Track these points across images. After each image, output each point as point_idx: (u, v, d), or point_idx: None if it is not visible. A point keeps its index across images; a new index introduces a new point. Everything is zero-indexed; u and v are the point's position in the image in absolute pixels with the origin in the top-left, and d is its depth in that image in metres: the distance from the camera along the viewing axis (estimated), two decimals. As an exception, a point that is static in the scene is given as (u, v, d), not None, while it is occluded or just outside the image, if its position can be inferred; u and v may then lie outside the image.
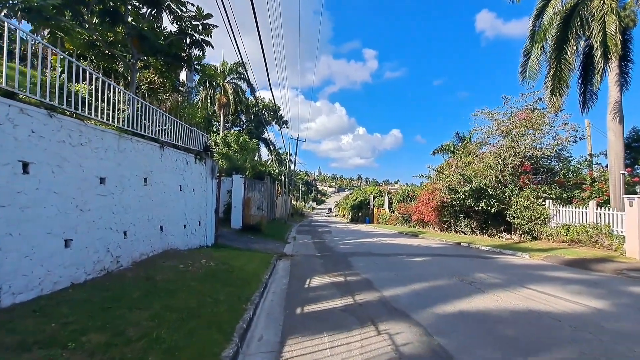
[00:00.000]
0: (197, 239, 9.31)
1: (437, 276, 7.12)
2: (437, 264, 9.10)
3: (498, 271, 7.92)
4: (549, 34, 12.35)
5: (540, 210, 13.79)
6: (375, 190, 58.32)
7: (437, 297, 5.26)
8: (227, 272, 6.08)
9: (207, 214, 10.08)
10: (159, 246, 6.99)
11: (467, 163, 18.14)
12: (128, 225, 5.79)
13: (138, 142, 6.23)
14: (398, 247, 13.75)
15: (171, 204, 7.62)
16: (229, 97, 33.37)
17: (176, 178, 7.95)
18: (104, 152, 5.20)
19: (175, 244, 7.82)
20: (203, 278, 5.37)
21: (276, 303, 5.05)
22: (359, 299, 5.11)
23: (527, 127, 14.41)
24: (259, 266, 7.30)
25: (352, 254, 11.04)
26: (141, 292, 4.34)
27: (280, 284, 6.45)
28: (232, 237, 13.51)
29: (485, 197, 15.60)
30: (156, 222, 6.86)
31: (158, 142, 7.05)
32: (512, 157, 14.56)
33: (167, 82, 10.48)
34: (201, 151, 9.86)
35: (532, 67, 13.44)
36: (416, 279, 6.71)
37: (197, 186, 9.32)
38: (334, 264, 8.86)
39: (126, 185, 5.78)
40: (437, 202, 19.45)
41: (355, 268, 8.11)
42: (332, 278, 6.87)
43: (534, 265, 9.17)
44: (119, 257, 5.49)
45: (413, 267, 8.39)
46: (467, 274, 7.35)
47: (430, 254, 11.43)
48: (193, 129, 9.21)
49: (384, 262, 9.16)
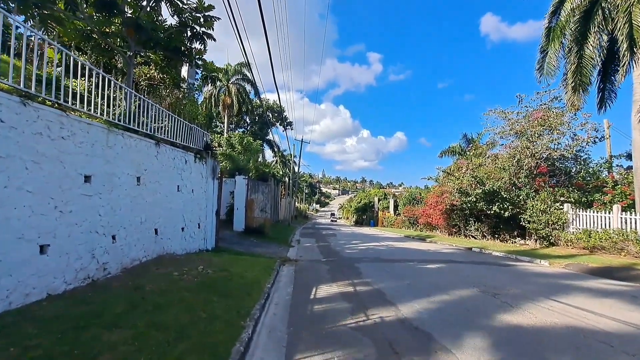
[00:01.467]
0: (196, 242, 8.80)
1: (455, 287, 6.51)
2: (452, 271, 8.48)
3: (520, 281, 7.28)
4: (568, 29, 11.69)
5: (558, 214, 13.06)
6: (380, 193, 57.63)
7: (462, 314, 4.65)
8: (225, 280, 5.53)
9: (207, 216, 9.57)
10: (153, 251, 6.48)
11: (478, 165, 17.46)
12: (117, 229, 5.28)
13: (130, 137, 5.74)
14: (407, 252, 13.13)
15: (167, 206, 7.11)
16: (233, 98, 33.05)
17: (174, 178, 7.45)
18: (89, 148, 4.70)
19: (172, 248, 7.31)
20: (198, 288, 4.83)
21: (279, 318, 4.49)
22: (373, 316, 4.52)
23: (544, 127, 13.69)
24: (261, 273, 6.75)
25: (359, 259, 10.45)
26: (126, 305, 3.81)
27: (283, 293, 5.89)
28: (234, 241, 12.99)
29: (498, 200, 14.90)
30: (150, 225, 6.35)
31: (154, 139, 6.55)
32: (528, 158, 13.85)
33: (168, 78, 10.02)
34: (201, 150, 9.37)
35: (550, 64, 12.78)
36: (433, 290, 6.10)
37: (196, 187, 8.82)
38: (340, 270, 8.28)
39: (116, 184, 5.27)
40: (446, 205, 18.78)
41: (364, 276, 7.53)
42: (340, 287, 6.30)
43: (556, 274, 8.50)
44: (106, 263, 4.97)
45: (427, 276, 7.77)
46: (487, 284, 6.73)
47: (442, 260, 10.79)
48: (193, 126, 8.72)
49: (395, 269, 8.56)
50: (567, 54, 12.26)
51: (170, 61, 9.64)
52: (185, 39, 8.72)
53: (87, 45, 8.17)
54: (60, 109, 4.31)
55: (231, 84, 33.60)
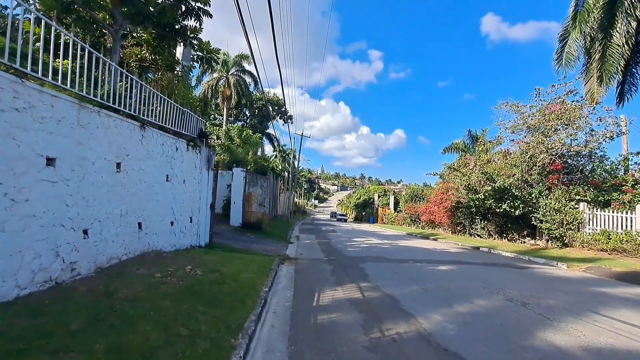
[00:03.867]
0: (187, 238, 8.05)
1: (475, 293, 5.79)
2: (466, 274, 7.77)
3: (544, 287, 6.57)
4: (592, 15, 10.87)
5: (573, 214, 12.34)
6: (380, 190, 56.91)
7: (497, 331, 3.93)
8: (216, 284, 4.79)
9: (200, 209, 8.82)
10: (136, 248, 5.72)
11: (487, 161, 16.69)
12: (90, 222, 4.52)
13: (109, 117, 4.95)
14: (412, 251, 12.43)
15: (154, 197, 6.34)
16: (232, 90, 32.15)
17: (162, 166, 6.67)
18: (54, 125, 3.91)
19: (159, 244, 6.56)
20: (182, 294, 4.08)
21: (278, 332, 3.76)
22: (390, 331, 3.79)
23: (561, 121, 12.89)
24: (257, 274, 6.02)
25: (363, 258, 9.73)
26: (88, 317, 3.06)
27: (282, 298, 5.16)
28: (229, 236, 12.26)
29: (508, 198, 14.16)
30: (132, 218, 5.59)
31: (138, 121, 5.76)
32: (543, 154, 13.07)
33: (160, 59, 9.19)
34: (195, 137, 8.58)
35: (570, 54, 11.98)
36: (452, 298, 5.38)
37: (189, 177, 8.05)
38: (345, 271, 7.56)
39: (89, 170, 4.50)
40: (452, 202, 18.05)
41: (372, 278, 6.81)
42: (347, 292, 5.57)
43: (581, 279, 7.80)
44: (75, 263, 4.21)
45: (440, 279, 7.05)
46: (510, 291, 6.01)
47: (452, 260, 10.09)
48: (186, 111, 7.93)
49: (404, 271, 7.84)
50: (590, 42, 11.45)
51: (163, 40, 8.83)
52: (178, 16, 7.94)
53: (68, 18, 7.34)
54: (16, 74, 3.53)
55: (230, 76, 32.67)
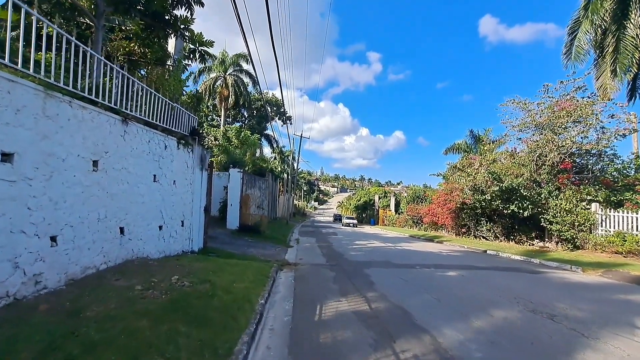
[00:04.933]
0: (178, 243, 7.49)
1: (494, 303, 5.24)
2: (479, 280, 7.22)
3: (566, 295, 6.03)
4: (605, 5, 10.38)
5: (585, 214, 11.82)
6: (380, 191, 56.42)
7: (529, 351, 3.37)
8: (205, 297, 4.22)
9: (193, 212, 8.26)
10: (117, 255, 5.16)
11: (492, 160, 16.18)
12: (60, 227, 3.96)
13: (83, 108, 4.40)
14: (418, 254, 11.87)
15: (139, 199, 5.79)
16: (230, 90, 31.64)
17: (148, 165, 6.12)
18: (11, 115, 3.37)
19: (145, 251, 5.99)
20: (163, 310, 3.52)
21: (274, 355, 3.20)
22: (406, 353, 3.24)
23: (572, 118, 12.36)
24: (253, 283, 5.46)
25: (367, 263, 9.17)
26: (41, 345, 2.51)
27: (281, 311, 4.61)
28: (226, 240, 11.69)
29: (517, 199, 13.63)
30: (113, 223, 5.03)
31: (120, 115, 5.21)
32: (553, 152, 12.54)
33: (149, 52, 8.66)
34: (187, 135, 8.03)
35: (580, 47, 11.49)
36: (469, 309, 4.83)
37: (179, 178, 7.50)
38: (348, 278, 7.01)
39: (58, 168, 3.95)
40: (456, 203, 17.51)
41: (379, 286, 6.25)
42: (352, 304, 5.01)
43: (601, 284, 7.27)
44: (40, 274, 3.65)
45: (452, 286, 6.50)
46: (530, 300, 5.47)
47: (461, 265, 9.54)
48: (176, 106, 7.39)
49: (412, 277, 7.28)
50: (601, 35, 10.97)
51: (152, 31, 8.32)
52: (167, 4, 7.44)
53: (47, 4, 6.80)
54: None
55: (228, 75, 32.17)
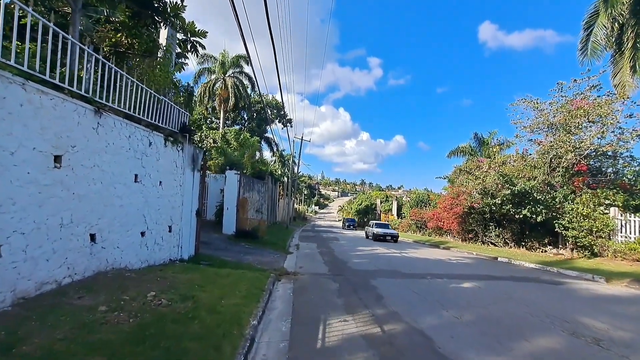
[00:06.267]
0: (165, 251, 6.75)
1: (525, 323, 4.49)
2: (499, 294, 6.48)
3: (600, 311, 5.30)
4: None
5: (604, 220, 11.07)
6: (382, 195, 55.65)
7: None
8: (183, 320, 3.48)
9: (183, 216, 7.54)
10: (87, 267, 4.42)
11: (502, 162, 15.46)
12: (6, 235, 3.24)
13: (43, 93, 3.70)
14: (426, 262, 11.10)
15: (116, 201, 5.07)
16: (230, 92, 31.08)
17: (128, 163, 5.41)
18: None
19: (123, 260, 5.26)
20: (126, 341, 2.78)
21: (265, 405, 2.46)
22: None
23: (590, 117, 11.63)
24: (245, 299, 4.72)
25: (373, 273, 8.42)
26: None
27: (276, 335, 3.86)
28: (221, 246, 10.94)
29: (530, 203, 12.88)
30: (81, 229, 4.30)
31: (92, 104, 4.52)
32: (570, 153, 11.79)
33: (137, 43, 8.01)
34: (176, 132, 7.34)
35: (596, 43, 10.84)
36: (499, 332, 4.09)
37: (167, 178, 6.78)
38: (354, 291, 6.26)
39: (5, 163, 3.24)
40: (464, 207, 16.76)
41: (389, 301, 5.51)
42: (361, 325, 4.27)
43: (632, 297, 6.57)
44: (-25, 295, 2.93)
45: (472, 302, 5.74)
46: (564, 318, 4.76)
47: (475, 275, 8.78)
48: (164, 99, 6.70)
49: (425, 290, 6.53)
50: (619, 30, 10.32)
51: (139, 20, 7.70)
52: (156, -11, 6.82)
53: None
54: None
55: (228, 77, 31.64)
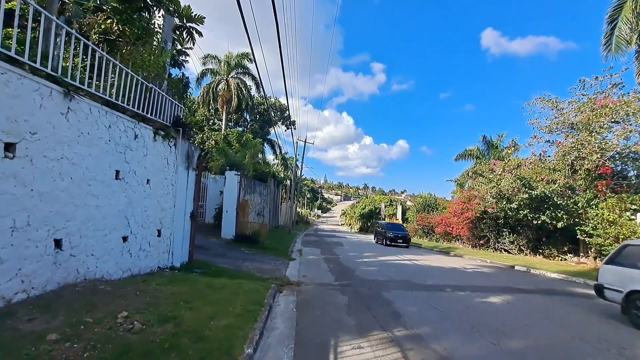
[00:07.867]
0: (153, 257, 6.00)
1: (582, 354, 3.69)
2: (535, 312, 5.67)
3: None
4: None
5: (632, 226, 10.21)
6: (386, 199, 54.75)
7: None
8: (156, 351, 2.71)
9: (175, 219, 6.80)
10: (50, 279, 3.68)
11: (517, 165, 14.63)
12: None
13: (-9, 66, 3.00)
14: (441, 272, 10.26)
15: (91, 201, 4.34)
16: (233, 93, 30.54)
17: (108, 157, 4.69)
18: None
19: (99, 270, 4.51)
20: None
21: None
22: None
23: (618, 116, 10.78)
24: (240, 318, 3.94)
25: (384, 283, 7.62)
26: None
27: (276, 368, 3.09)
28: (218, 251, 10.17)
29: (549, 208, 12.02)
30: (42, 233, 3.57)
31: (61, 85, 3.81)
32: (597, 155, 10.94)
33: (129, 30, 7.35)
34: (168, 125, 6.62)
35: (620, 37, 10.06)
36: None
37: (156, 177, 6.06)
38: (366, 306, 5.48)
39: None
40: (476, 212, 15.90)
41: (408, 320, 4.72)
42: (379, 352, 3.48)
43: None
44: None
45: (507, 322, 4.93)
46: (622, 345, 3.93)
47: (499, 287, 7.95)
48: (153, 88, 6.00)
49: (447, 306, 5.72)
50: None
51: (131, 3, 7.07)
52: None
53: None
54: None
55: (231, 78, 31.13)
